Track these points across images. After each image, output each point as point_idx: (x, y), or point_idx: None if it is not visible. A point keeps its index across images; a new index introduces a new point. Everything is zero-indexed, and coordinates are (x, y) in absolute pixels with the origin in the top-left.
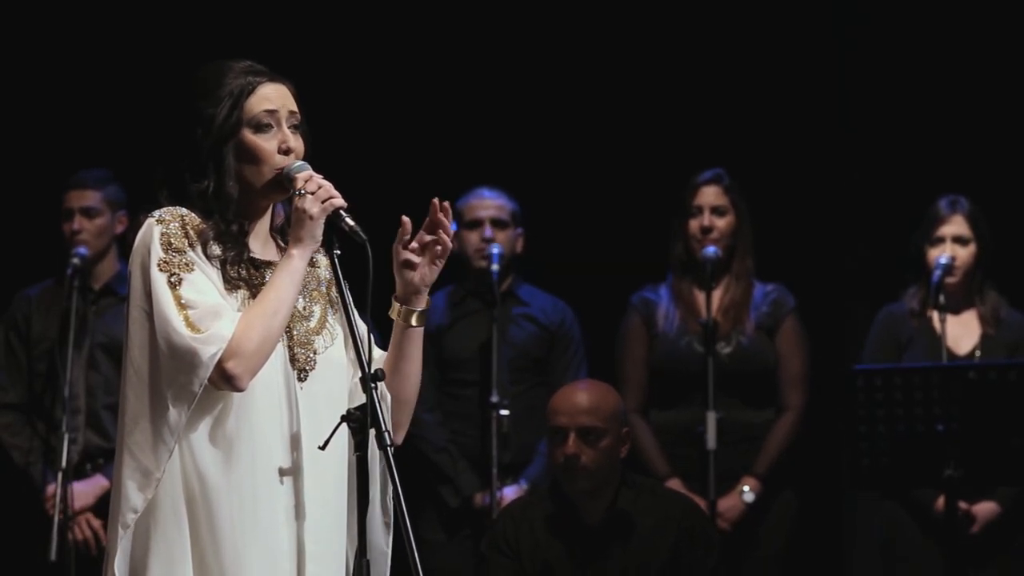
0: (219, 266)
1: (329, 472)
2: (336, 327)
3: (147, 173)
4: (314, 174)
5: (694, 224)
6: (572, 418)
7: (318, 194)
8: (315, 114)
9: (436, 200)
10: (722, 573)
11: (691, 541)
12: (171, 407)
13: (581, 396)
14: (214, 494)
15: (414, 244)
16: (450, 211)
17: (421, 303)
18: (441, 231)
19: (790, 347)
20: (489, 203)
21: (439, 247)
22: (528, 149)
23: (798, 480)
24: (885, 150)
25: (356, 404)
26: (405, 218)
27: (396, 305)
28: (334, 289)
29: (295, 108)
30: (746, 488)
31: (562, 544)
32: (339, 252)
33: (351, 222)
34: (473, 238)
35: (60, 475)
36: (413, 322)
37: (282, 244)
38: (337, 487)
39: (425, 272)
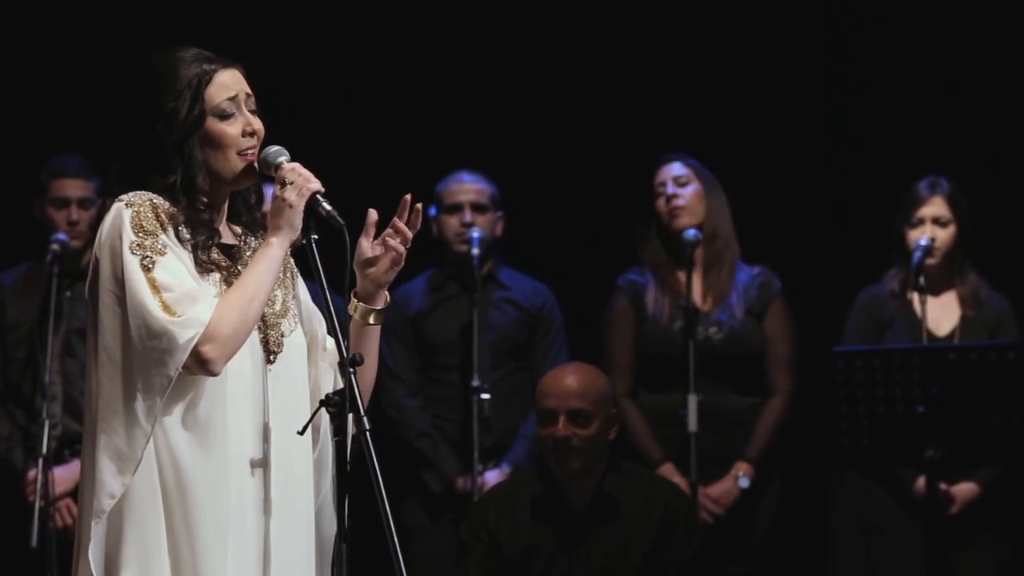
0: (191, 250)
1: (297, 452)
2: (296, 312)
3: (107, 166)
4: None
5: (660, 203)
6: (562, 401)
7: (296, 182)
8: (296, 99)
9: (407, 198)
10: (705, 557)
11: (675, 526)
12: (145, 392)
13: (571, 379)
14: (188, 479)
15: (377, 241)
16: (420, 214)
17: (379, 302)
18: (400, 236)
19: (778, 330)
20: (469, 187)
21: (394, 253)
22: (507, 132)
23: (781, 463)
24: (867, 131)
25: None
26: (372, 212)
27: (354, 302)
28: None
29: (250, 90)
30: (740, 473)
31: (546, 527)
32: (316, 237)
33: (328, 207)
34: (453, 222)
35: (41, 462)
36: (371, 320)
37: (238, 231)
38: (304, 471)
39: (382, 273)
